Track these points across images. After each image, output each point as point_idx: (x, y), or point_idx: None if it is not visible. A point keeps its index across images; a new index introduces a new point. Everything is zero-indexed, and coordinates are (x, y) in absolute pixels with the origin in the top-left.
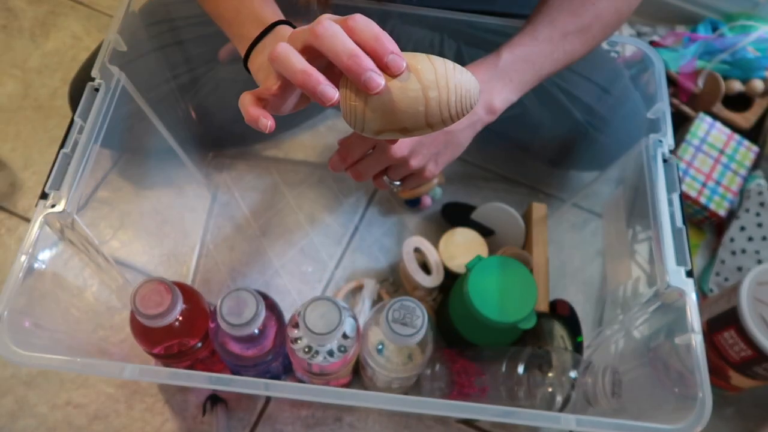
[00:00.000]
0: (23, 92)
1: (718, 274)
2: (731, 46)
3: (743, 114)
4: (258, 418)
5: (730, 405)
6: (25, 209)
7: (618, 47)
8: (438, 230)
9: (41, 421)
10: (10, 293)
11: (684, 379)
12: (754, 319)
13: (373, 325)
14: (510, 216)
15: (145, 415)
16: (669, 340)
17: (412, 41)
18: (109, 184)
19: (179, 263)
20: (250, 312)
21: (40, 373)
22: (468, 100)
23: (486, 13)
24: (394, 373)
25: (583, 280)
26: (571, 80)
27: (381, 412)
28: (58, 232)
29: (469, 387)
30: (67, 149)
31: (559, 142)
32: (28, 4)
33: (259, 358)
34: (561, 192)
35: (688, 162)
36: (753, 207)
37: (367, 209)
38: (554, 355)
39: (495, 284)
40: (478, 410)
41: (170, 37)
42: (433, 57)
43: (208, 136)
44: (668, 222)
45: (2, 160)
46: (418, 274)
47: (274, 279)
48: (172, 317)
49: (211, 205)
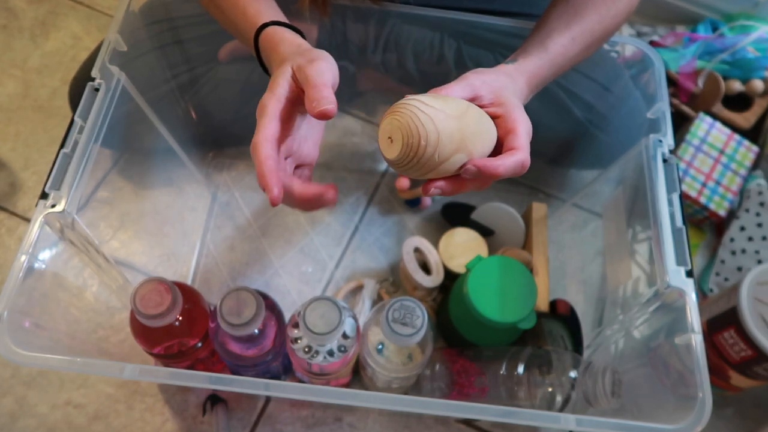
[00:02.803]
0: (23, 92)
1: (718, 274)
2: (731, 46)
3: (743, 114)
4: (258, 418)
5: (730, 405)
6: (25, 209)
7: (618, 47)
8: (438, 230)
9: (41, 421)
10: (10, 293)
11: (684, 379)
12: (754, 319)
13: (373, 325)
14: (510, 216)
15: (145, 415)
16: (669, 340)
17: (412, 41)
18: (109, 184)
19: (179, 263)
20: (250, 312)
21: (40, 373)
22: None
23: (486, 12)
24: (394, 373)
25: (583, 280)
26: (572, 78)
27: (381, 412)
28: (58, 232)
29: (469, 387)
30: (67, 149)
31: (559, 141)
32: (28, 4)
33: (259, 358)
34: (561, 192)
35: (688, 162)
36: (753, 207)
37: (367, 209)
38: (554, 355)
39: (495, 284)
40: (478, 410)
41: (170, 36)
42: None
43: (208, 136)
44: (668, 222)
45: (2, 160)
46: (418, 274)
47: (274, 279)
48: (172, 317)
49: (211, 205)
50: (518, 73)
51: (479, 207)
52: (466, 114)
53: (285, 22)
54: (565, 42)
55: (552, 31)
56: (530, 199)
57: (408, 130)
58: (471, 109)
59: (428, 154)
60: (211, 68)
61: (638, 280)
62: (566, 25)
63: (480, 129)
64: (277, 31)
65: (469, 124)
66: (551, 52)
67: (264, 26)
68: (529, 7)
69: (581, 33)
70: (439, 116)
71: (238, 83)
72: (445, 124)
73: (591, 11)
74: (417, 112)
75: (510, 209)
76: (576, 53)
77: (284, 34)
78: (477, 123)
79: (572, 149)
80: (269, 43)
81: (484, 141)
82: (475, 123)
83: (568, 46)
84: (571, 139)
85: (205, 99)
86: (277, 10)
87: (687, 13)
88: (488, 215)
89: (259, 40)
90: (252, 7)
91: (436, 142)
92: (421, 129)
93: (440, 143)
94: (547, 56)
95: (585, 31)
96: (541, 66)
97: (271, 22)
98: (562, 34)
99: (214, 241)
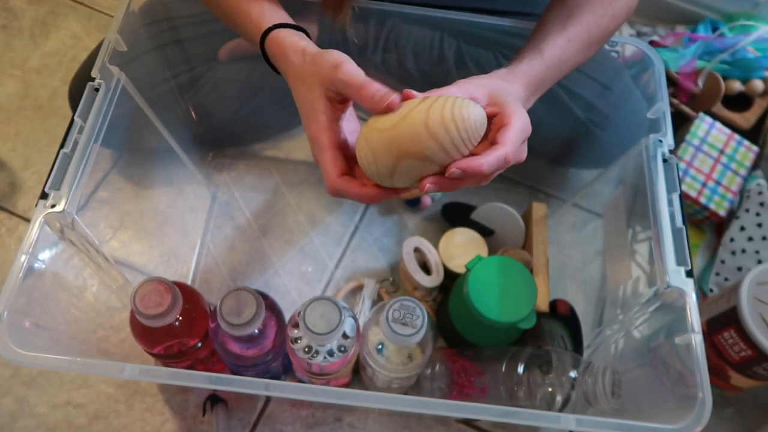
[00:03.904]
0: (23, 92)
1: (718, 274)
2: (731, 46)
3: (743, 114)
4: (258, 418)
5: (730, 405)
6: (25, 209)
7: (618, 47)
8: (438, 230)
9: (41, 421)
10: (10, 293)
11: (684, 379)
12: (754, 319)
13: (373, 325)
14: (510, 216)
15: (145, 415)
16: (669, 340)
17: (412, 41)
18: (109, 184)
19: (179, 263)
20: (250, 312)
21: (40, 373)
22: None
23: (486, 12)
24: (394, 373)
25: (583, 280)
26: (572, 77)
27: (381, 412)
28: (58, 232)
29: (469, 387)
30: (67, 149)
31: (560, 140)
32: (28, 4)
33: (259, 358)
34: (561, 192)
35: (688, 162)
36: (753, 207)
37: (367, 209)
38: (554, 355)
39: (495, 284)
40: (478, 410)
41: (170, 36)
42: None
43: (208, 136)
44: (668, 222)
45: (2, 160)
46: (418, 274)
47: (274, 279)
48: (172, 317)
49: (211, 205)
50: (513, 76)
51: (479, 207)
52: (403, 121)
53: (288, 23)
54: (562, 43)
55: (548, 34)
56: (530, 199)
57: (358, 156)
58: (411, 114)
59: (373, 170)
60: (210, 68)
61: (638, 280)
62: (562, 26)
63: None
64: (280, 34)
65: (402, 132)
66: (547, 54)
67: (268, 30)
68: (529, 6)
69: (577, 34)
70: (372, 134)
71: (238, 83)
72: (376, 141)
73: (587, 12)
74: (360, 137)
75: (510, 209)
76: (574, 54)
77: (287, 38)
78: (417, 125)
79: (573, 148)
80: (276, 49)
81: (441, 134)
82: (414, 125)
83: (565, 48)
84: (572, 138)
85: (205, 99)
86: (280, 8)
87: (687, 13)
88: (488, 215)
89: (266, 45)
90: (255, 11)
91: (375, 161)
92: (361, 153)
93: (378, 160)
94: (543, 58)
95: (581, 32)
96: (537, 68)
97: (274, 26)
98: (558, 36)
99: (214, 241)
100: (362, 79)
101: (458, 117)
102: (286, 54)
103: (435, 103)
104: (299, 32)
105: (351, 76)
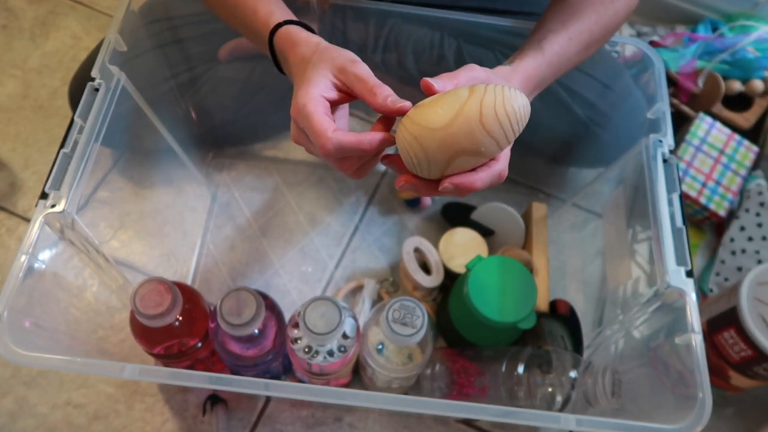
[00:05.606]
0: (23, 92)
1: (718, 274)
2: (731, 46)
3: (743, 114)
4: (258, 418)
5: (730, 405)
6: (25, 209)
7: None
8: (438, 230)
9: (41, 421)
10: (10, 293)
11: (684, 379)
12: (754, 319)
13: (373, 325)
14: (510, 216)
15: (145, 415)
16: (669, 340)
17: (412, 40)
18: (109, 183)
19: (179, 263)
20: (250, 312)
21: (40, 373)
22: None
23: (486, 11)
24: (394, 373)
25: (583, 280)
26: (572, 76)
27: (381, 412)
28: (58, 232)
29: (469, 387)
30: (67, 149)
31: (560, 139)
32: (28, 4)
33: (259, 358)
34: (561, 192)
35: (688, 162)
36: (753, 207)
37: (367, 209)
38: (554, 355)
39: (495, 284)
40: (478, 410)
41: (170, 35)
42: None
43: (208, 136)
44: (668, 222)
45: (2, 160)
46: (418, 274)
47: (274, 279)
48: (172, 317)
49: (211, 205)
50: (513, 74)
51: (479, 207)
52: (456, 119)
53: (298, 21)
54: (562, 42)
55: (548, 32)
56: (530, 199)
57: (403, 152)
58: (464, 111)
59: (425, 168)
60: (210, 68)
61: (638, 280)
62: (563, 25)
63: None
64: (291, 30)
65: (457, 131)
66: (548, 52)
67: (278, 26)
68: (529, 5)
69: (578, 33)
70: (423, 133)
71: (238, 83)
72: (428, 140)
73: (588, 11)
74: (405, 134)
75: (510, 209)
76: (574, 53)
77: (300, 33)
78: (472, 122)
79: (573, 147)
80: (286, 43)
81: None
82: (469, 122)
83: (566, 46)
84: (572, 137)
85: (205, 99)
86: (286, 8)
87: (687, 13)
88: (488, 215)
89: (274, 41)
90: (263, 9)
91: (426, 159)
92: (410, 151)
93: (431, 158)
94: (544, 56)
95: (582, 31)
96: (537, 66)
97: (285, 22)
98: (559, 35)
99: (214, 241)
100: (376, 80)
101: (510, 111)
102: (298, 46)
103: (485, 96)
104: (309, 31)
105: (367, 73)
